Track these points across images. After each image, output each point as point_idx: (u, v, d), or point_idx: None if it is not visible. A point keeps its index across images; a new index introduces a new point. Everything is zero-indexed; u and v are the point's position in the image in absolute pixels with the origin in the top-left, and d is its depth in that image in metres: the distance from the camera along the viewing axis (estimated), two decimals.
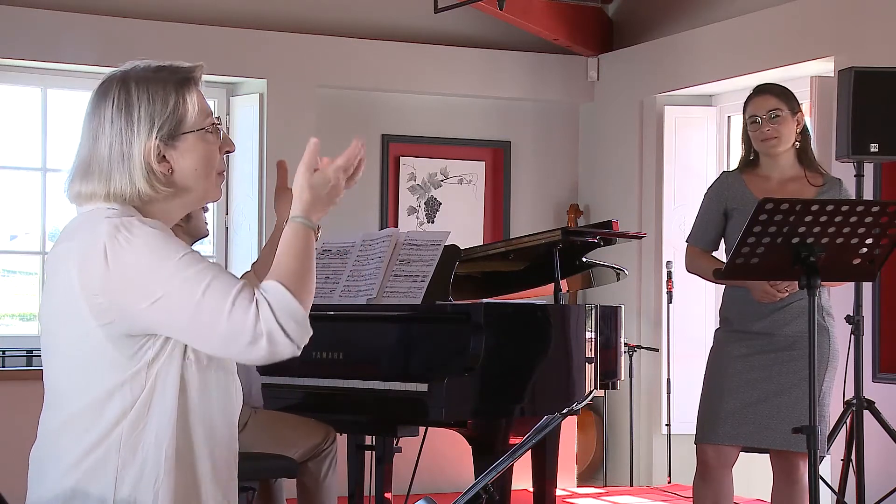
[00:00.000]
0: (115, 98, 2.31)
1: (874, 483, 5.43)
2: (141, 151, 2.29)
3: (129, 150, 2.29)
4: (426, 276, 4.27)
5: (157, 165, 2.30)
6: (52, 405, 2.33)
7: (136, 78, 2.32)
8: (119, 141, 2.29)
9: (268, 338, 2.18)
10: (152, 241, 2.23)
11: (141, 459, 2.24)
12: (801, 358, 4.22)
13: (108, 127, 2.30)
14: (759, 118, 4.36)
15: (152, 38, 7.13)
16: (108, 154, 2.29)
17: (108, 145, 2.29)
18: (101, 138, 2.30)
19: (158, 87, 2.32)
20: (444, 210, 8.11)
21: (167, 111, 2.31)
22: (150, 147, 2.29)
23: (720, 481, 4.35)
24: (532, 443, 2.75)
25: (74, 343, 2.26)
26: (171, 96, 2.32)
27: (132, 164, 2.29)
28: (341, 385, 4.33)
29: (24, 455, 2.41)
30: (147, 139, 2.29)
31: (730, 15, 7.27)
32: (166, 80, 2.33)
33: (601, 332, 4.48)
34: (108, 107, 2.31)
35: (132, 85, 2.31)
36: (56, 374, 2.32)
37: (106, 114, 2.30)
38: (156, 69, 2.35)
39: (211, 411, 2.31)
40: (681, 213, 7.56)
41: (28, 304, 7.72)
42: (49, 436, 2.32)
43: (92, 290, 2.22)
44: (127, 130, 2.29)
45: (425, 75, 7.94)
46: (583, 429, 7.79)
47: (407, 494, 4.79)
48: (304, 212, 2.31)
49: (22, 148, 7.49)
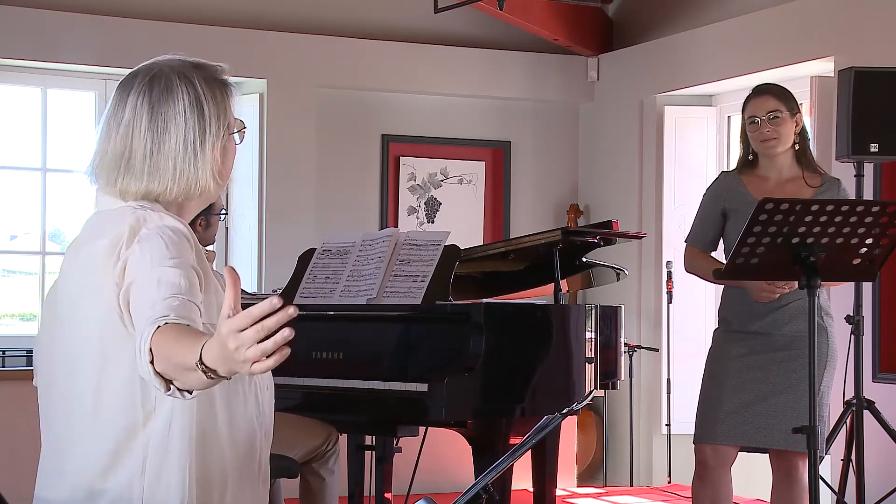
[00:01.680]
0: (180, 91, 2.30)
1: (874, 483, 5.43)
2: (212, 148, 2.30)
3: (202, 147, 2.29)
4: (426, 276, 4.27)
5: (220, 165, 2.33)
6: (65, 399, 2.30)
7: (198, 75, 2.32)
8: (193, 138, 2.29)
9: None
10: (166, 242, 2.21)
11: (165, 448, 2.24)
12: (799, 358, 4.22)
13: (182, 122, 2.29)
14: (758, 119, 4.36)
15: (152, 38, 7.13)
16: (180, 150, 2.29)
17: (182, 141, 2.29)
18: (169, 133, 2.28)
19: (216, 88, 2.34)
20: (444, 210, 8.11)
21: (227, 111, 2.34)
22: (218, 146, 2.31)
23: (719, 481, 4.35)
24: (532, 443, 2.75)
25: (100, 335, 2.24)
26: (226, 99, 2.35)
27: (204, 160, 2.30)
28: (341, 385, 4.33)
29: (24, 455, 2.41)
30: (216, 137, 2.31)
31: (730, 15, 7.27)
32: (215, 79, 2.35)
33: (601, 332, 4.48)
34: (176, 102, 2.29)
35: (196, 82, 2.32)
36: (73, 374, 2.29)
37: (172, 105, 2.29)
38: (201, 66, 2.36)
39: (233, 399, 2.31)
40: (681, 213, 7.56)
41: (28, 304, 7.72)
42: (67, 434, 2.30)
43: (117, 276, 2.21)
44: (199, 124, 2.29)
45: (425, 75, 7.94)
46: (583, 429, 7.79)
47: (407, 494, 4.79)
48: (210, 362, 1.90)
49: (22, 148, 7.49)
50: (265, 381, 2.42)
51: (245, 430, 2.36)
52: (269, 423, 2.45)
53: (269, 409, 2.44)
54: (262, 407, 2.40)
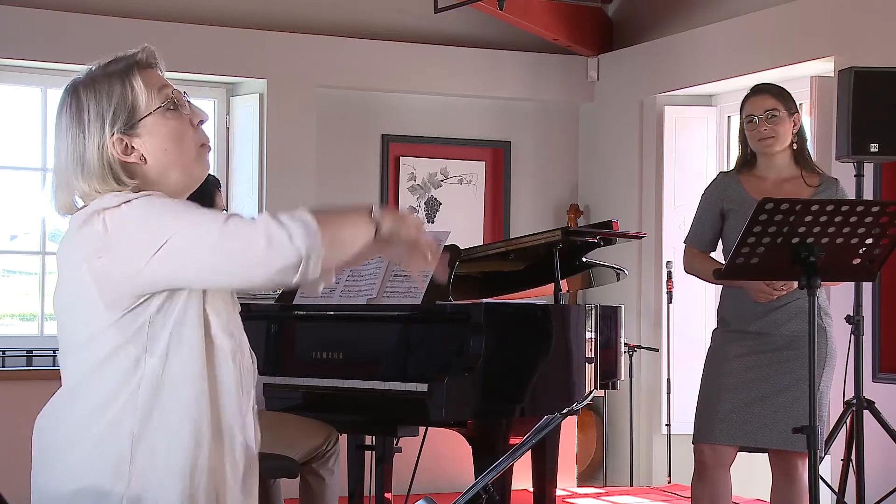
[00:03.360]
0: (66, 107, 2.30)
1: (874, 483, 5.43)
2: (94, 152, 2.27)
3: (82, 154, 2.27)
4: (426, 275, 4.27)
5: (126, 158, 2.27)
6: (68, 398, 2.30)
7: (83, 81, 2.31)
8: (73, 148, 2.28)
9: (266, 237, 2.11)
10: (154, 200, 2.21)
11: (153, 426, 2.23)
12: (797, 358, 4.23)
13: (65, 135, 2.29)
14: (756, 118, 4.37)
15: (152, 38, 7.03)
16: (66, 162, 2.29)
17: (66, 154, 2.29)
18: (59, 149, 2.30)
19: (103, 83, 2.29)
20: (444, 210, 8.11)
21: (114, 103, 2.28)
22: (106, 143, 2.26)
23: (717, 481, 4.35)
24: (532, 443, 2.75)
25: (83, 329, 2.25)
26: (117, 87, 2.29)
27: (89, 168, 2.27)
28: (341, 385, 4.33)
29: (24, 455, 2.40)
30: (100, 138, 2.27)
31: (730, 15, 7.27)
32: (111, 73, 2.30)
33: (601, 332, 4.48)
34: (61, 117, 2.31)
35: (80, 90, 2.30)
36: (70, 369, 2.30)
37: (60, 124, 2.30)
38: (104, 65, 2.32)
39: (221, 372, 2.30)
40: (681, 213, 7.56)
41: (28, 304, 7.72)
42: (66, 422, 2.30)
43: (94, 254, 2.20)
44: (78, 135, 2.28)
45: (425, 75, 7.94)
46: (583, 429, 7.79)
47: (407, 494, 4.79)
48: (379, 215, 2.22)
49: (22, 148, 7.49)
50: (248, 361, 2.39)
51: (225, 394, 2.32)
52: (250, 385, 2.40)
53: (249, 375, 2.39)
54: (242, 371, 2.35)
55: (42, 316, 7.46)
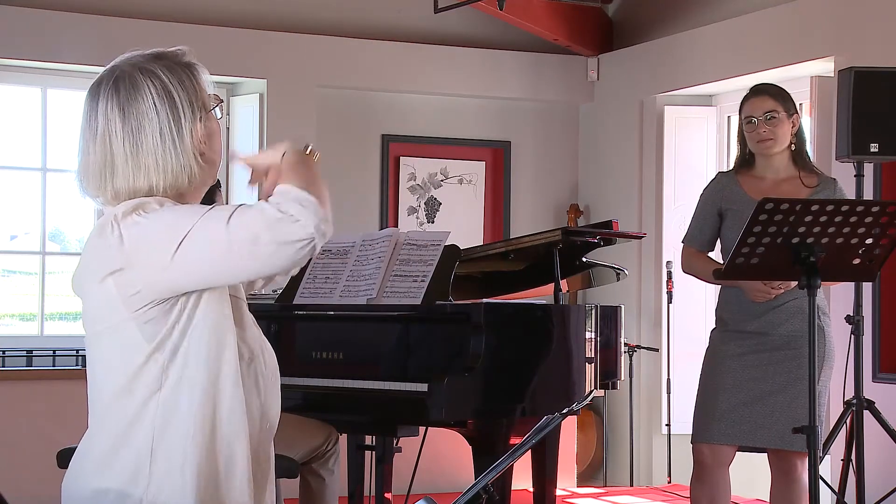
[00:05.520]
0: (149, 88, 2.27)
1: (874, 483, 5.43)
2: (191, 135, 2.27)
3: (180, 136, 2.26)
4: (426, 276, 4.27)
5: (204, 146, 2.29)
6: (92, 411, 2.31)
7: (157, 66, 2.29)
8: (168, 129, 2.26)
9: (270, 223, 2.15)
10: (168, 207, 2.22)
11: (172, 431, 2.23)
12: (795, 357, 4.23)
13: (155, 116, 2.26)
14: (755, 119, 4.37)
15: (152, 38, 7.07)
16: (158, 144, 2.26)
17: (158, 135, 2.26)
18: (144, 130, 2.25)
19: (179, 70, 2.30)
20: (444, 210, 8.11)
21: (196, 90, 2.30)
22: (198, 129, 2.28)
23: (716, 481, 4.35)
24: (532, 443, 2.75)
25: (109, 335, 2.25)
26: (190, 78, 2.31)
27: (185, 147, 2.26)
28: (341, 385, 4.33)
29: (24, 454, 2.41)
30: (193, 120, 2.28)
31: (730, 15, 7.27)
32: (178, 64, 2.31)
33: (601, 332, 4.48)
34: (144, 98, 2.27)
35: (159, 72, 2.28)
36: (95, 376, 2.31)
37: (144, 105, 2.26)
38: (157, 56, 2.32)
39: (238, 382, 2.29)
40: (681, 213, 7.56)
41: (28, 304, 7.72)
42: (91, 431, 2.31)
43: (115, 270, 2.20)
44: (173, 116, 2.27)
45: (425, 75, 7.94)
46: (583, 429, 7.79)
47: (407, 494, 4.79)
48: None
49: (22, 148, 7.49)
50: (270, 367, 2.40)
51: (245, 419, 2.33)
52: (273, 413, 2.41)
53: (273, 399, 2.40)
54: (265, 396, 2.37)
55: (42, 316, 7.46)
